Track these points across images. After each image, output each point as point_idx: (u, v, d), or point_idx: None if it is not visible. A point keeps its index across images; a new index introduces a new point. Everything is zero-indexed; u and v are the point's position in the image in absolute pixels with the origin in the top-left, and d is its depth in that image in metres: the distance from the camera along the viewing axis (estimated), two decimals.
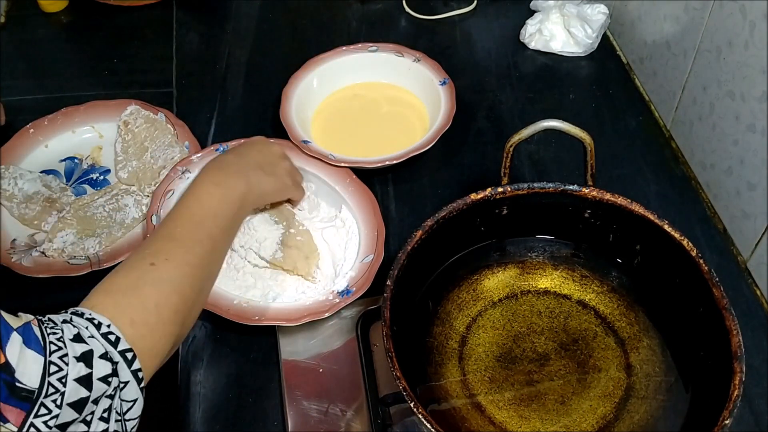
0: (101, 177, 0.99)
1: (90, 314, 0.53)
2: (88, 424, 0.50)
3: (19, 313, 0.50)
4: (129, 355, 0.53)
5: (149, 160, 0.98)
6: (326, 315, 0.80)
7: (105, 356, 0.51)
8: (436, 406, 0.71)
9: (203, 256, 0.65)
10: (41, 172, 0.98)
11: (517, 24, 1.20)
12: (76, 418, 0.49)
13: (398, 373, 0.63)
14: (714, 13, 0.89)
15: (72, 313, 0.53)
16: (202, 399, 0.78)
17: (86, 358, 0.50)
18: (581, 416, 0.70)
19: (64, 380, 0.48)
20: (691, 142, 0.99)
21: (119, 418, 0.52)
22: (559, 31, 1.16)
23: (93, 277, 0.86)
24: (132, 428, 0.54)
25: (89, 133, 1.03)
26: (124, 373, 0.53)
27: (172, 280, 0.60)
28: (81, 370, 0.49)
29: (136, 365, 0.53)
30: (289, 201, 0.89)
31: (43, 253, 0.88)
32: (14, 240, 0.90)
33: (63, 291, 0.86)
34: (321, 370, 0.79)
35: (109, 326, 0.53)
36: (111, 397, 0.51)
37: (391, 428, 0.73)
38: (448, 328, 0.76)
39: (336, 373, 0.79)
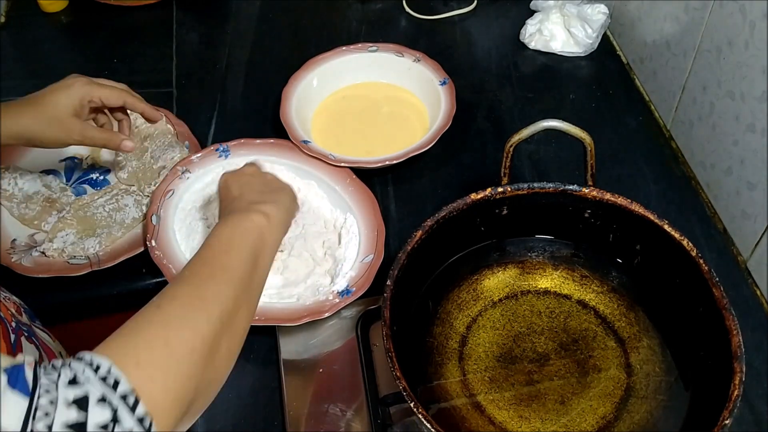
0: (101, 177, 0.99)
1: (90, 358, 0.48)
2: None
3: (19, 355, 0.46)
4: (130, 400, 0.46)
5: (149, 160, 0.98)
6: (326, 315, 0.80)
7: (103, 400, 0.45)
8: (436, 406, 0.71)
9: (219, 290, 0.57)
10: (41, 172, 0.98)
11: (517, 24, 1.20)
12: None
13: (398, 373, 0.63)
14: (714, 13, 0.89)
15: (73, 357, 0.48)
16: None
17: (80, 403, 0.44)
18: (581, 416, 0.70)
19: (50, 426, 0.43)
20: (691, 142, 0.99)
21: None
22: (559, 31, 1.16)
23: (93, 277, 0.86)
24: None
25: None
26: (126, 421, 0.45)
27: (183, 317, 0.54)
28: (72, 415, 0.44)
29: (140, 411, 0.46)
30: None
31: (43, 253, 0.88)
32: (14, 240, 0.90)
33: (63, 291, 0.86)
34: (321, 370, 0.79)
35: (109, 369, 0.47)
36: None
37: (391, 428, 0.73)
38: (448, 328, 0.77)
39: (336, 373, 0.79)
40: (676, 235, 0.71)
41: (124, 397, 0.46)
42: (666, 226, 0.72)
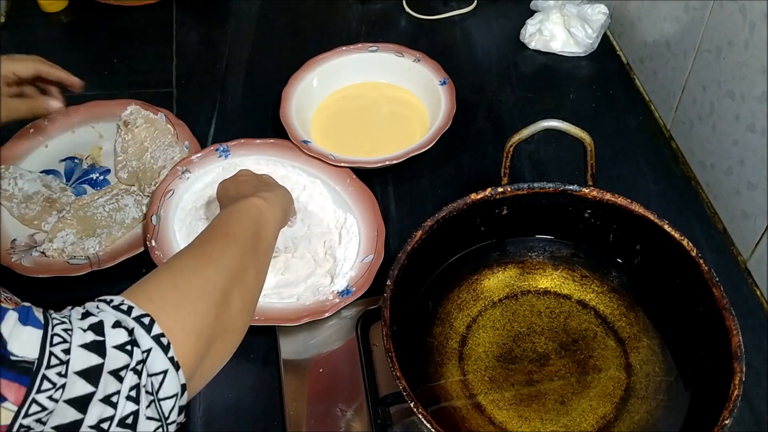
0: (101, 177, 0.99)
1: (101, 297, 0.49)
2: (114, 405, 0.44)
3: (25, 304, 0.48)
4: (145, 320, 0.47)
5: (149, 160, 0.98)
6: (326, 315, 0.80)
7: (118, 324, 0.46)
8: (436, 406, 0.71)
9: (224, 248, 0.59)
10: (41, 172, 0.98)
11: (517, 24, 1.20)
12: (92, 393, 0.43)
13: (398, 373, 0.63)
14: (714, 13, 0.89)
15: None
16: (202, 399, 0.78)
17: (96, 328, 0.45)
18: (581, 416, 0.70)
19: (68, 350, 0.43)
20: (691, 142, 0.99)
21: (152, 398, 0.46)
22: (559, 31, 1.16)
23: (93, 277, 0.86)
24: (170, 411, 0.47)
25: (89, 133, 1.03)
26: (144, 341, 0.46)
27: (191, 267, 0.56)
28: (89, 337, 0.44)
29: (156, 330, 0.47)
30: None
31: (43, 253, 0.88)
32: (14, 240, 0.90)
33: (63, 291, 0.86)
34: (321, 370, 0.79)
35: (122, 300, 0.48)
36: (138, 373, 0.45)
37: (391, 428, 0.73)
38: (448, 328, 0.76)
39: (336, 373, 0.79)
40: (676, 235, 0.71)
41: (138, 319, 0.47)
42: (666, 226, 0.72)
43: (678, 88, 1.00)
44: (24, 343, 0.42)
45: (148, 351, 0.47)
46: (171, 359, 0.48)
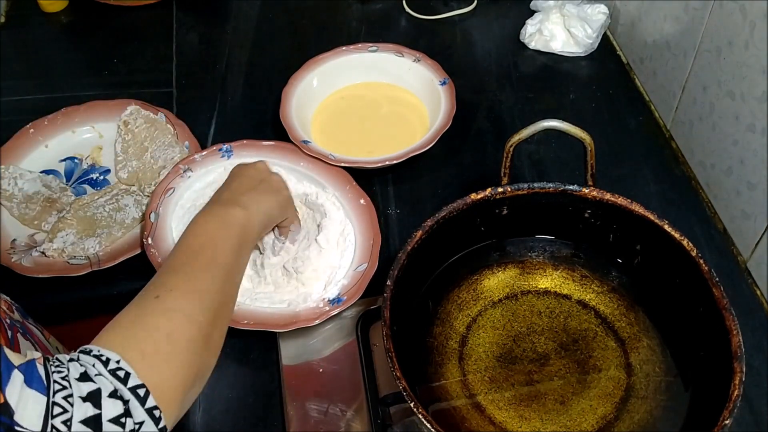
0: (101, 177, 0.99)
1: (98, 351, 0.50)
2: None
3: (27, 352, 0.48)
4: (141, 392, 0.49)
5: (149, 160, 0.98)
6: (316, 323, 0.80)
7: (114, 395, 0.48)
8: (436, 406, 0.71)
9: (211, 282, 0.62)
10: (41, 172, 0.98)
11: (517, 24, 1.20)
12: None
13: (398, 373, 0.63)
14: (714, 13, 0.89)
15: (80, 351, 0.50)
16: (202, 399, 0.78)
17: (93, 397, 0.47)
18: (581, 416, 0.70)
19: (68, 423, 0.45)
20: (691, 142, 0.99)
21: None
22: (559, 31, 1.16)
23: (93, 277, 0.86)
24: None
25: (89, 133, 1.03)
26: (138, 413, 0.48)
27: (181, 309, 0.57)
28: (88, 410, 0.46)
29: (150, 403, 0.49)
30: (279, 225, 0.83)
31: (43, 253, 0.88)
32: (14, 240, 0.90)
33: (63, 291, 0.86)
34: (321, 371, 0.79)
35: (118, 362, 0.49)
36: None
37: (391, 428, 0.73)
38: (448, 328, 0.77)
39: (336, 373, 0.79)
40: (676, 235, 0.71)
41: (134, 390, 0.49)
42: (666, 226, 0.72)
43: (678, 88, 1.00)
44: (29, 411, 0.44)
45: (141, 423, 0.49)
46: (161, 430, 0.50)
